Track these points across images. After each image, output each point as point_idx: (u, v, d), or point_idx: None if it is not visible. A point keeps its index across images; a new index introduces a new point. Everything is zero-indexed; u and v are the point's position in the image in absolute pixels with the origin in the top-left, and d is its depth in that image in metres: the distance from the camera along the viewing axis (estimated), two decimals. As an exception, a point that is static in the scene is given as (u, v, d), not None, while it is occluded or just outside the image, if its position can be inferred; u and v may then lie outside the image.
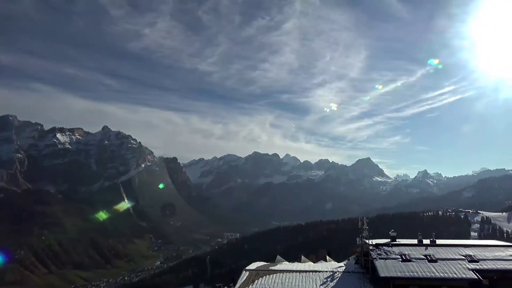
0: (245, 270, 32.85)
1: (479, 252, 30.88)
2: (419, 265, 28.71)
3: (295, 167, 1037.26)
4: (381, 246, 32.51)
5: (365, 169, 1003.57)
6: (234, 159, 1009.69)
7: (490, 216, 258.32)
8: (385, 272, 27.67)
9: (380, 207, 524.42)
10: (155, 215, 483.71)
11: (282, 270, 32.40)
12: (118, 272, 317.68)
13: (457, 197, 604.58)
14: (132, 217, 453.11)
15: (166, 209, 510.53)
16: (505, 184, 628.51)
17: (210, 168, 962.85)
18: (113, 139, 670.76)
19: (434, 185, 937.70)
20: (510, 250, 31.74)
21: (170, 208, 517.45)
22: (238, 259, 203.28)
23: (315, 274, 31.38)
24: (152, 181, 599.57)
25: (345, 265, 35.34)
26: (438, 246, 32.83)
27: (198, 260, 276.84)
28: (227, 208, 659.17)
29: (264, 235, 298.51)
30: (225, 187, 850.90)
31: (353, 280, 30.68)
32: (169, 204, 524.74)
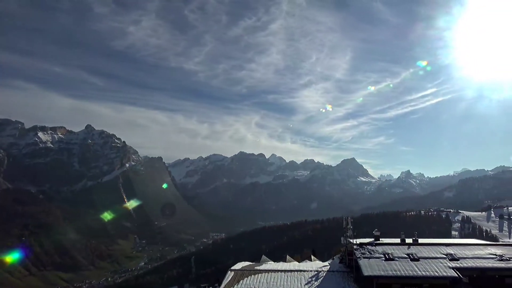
0: (230, 270, 32.79)
1: (459, 250, 31.60)
2: (402, 264, 29.19)
3: (281, 167, 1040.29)
4: (365, 245, 32.93)
5: (350, 169, 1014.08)
6: (220, 159, 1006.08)
7: (470, 215, 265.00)
8: (368, 271, 28.02)
9: (364, 206, 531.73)
10: (139, 215, 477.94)
11: (267, 270, 32.44)
12: (101, 273, 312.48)
13: (439, 197, 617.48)
14: (116, 217, 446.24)
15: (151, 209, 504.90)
16: (485, 184, 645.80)
17: (196, 168, 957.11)
18: (97, 138, 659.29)
19: (417, 185, 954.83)
20: (489, 248, 32.59)
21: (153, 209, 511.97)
22: (223, 259, 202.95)
23: (300, 273, 31.54)
24: (137, 181, 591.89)
25: (330, 264, 35.62)
26: (420, 245, 33.46)
27: (183, 260, 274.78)
28: (212, 208, 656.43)
29: (249, 235, 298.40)
30: (211, 187, 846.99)
31: (337, 279, 30.96)
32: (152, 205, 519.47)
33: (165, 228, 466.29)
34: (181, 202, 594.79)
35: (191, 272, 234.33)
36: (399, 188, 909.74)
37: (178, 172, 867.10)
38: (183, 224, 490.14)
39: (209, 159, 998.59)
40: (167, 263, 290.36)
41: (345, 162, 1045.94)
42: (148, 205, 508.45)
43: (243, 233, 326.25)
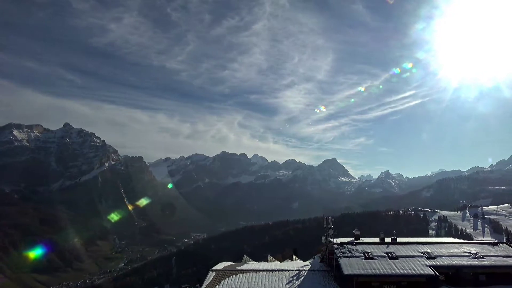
0: (211, 270, 32.66)
1: (436, 249, 32.45)
2: (381, 262, 29.76)
3: (263, 167, 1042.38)
4: (345, 244, 33.39)
5: (331, 169, 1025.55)
6: (201, 158, 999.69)
7: (446, 214, 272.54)
8: (348, 270, 28.43)
9: (345, 206, 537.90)
10: (119, 216, 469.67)
11: (249, 269, 32.48)
12: (79, 275, 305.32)
13: (416, 196, 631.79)
14: (95, 218, 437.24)
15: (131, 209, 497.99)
16: (460, 185, 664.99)
17: (177, 168, 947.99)
18: (75, 137, 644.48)
19: (395, 185, 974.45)
20: (464, 247, 33.60)
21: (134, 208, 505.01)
22: (204, 259, 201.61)
23: (281, 273, 31.71)
24: (116, 180, 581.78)
25: (311, 263, 35.97)
26: (398, 244, 34.18)
27: (164, 261, 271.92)
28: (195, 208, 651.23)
29: (231, 234, 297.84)
30: (192, 187, 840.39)
31: (318, 278, 31.28)
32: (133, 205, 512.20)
33: (145, 229, 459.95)
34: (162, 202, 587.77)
35: (172, 272, 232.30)
36: (378, 188, 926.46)
37: (159, 171, 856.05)
38: (164, 224, 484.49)
39: (191, 158, 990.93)
40: (148, 264, 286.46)
41: (326, 163, 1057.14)
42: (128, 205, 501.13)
43: (225, 233, 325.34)
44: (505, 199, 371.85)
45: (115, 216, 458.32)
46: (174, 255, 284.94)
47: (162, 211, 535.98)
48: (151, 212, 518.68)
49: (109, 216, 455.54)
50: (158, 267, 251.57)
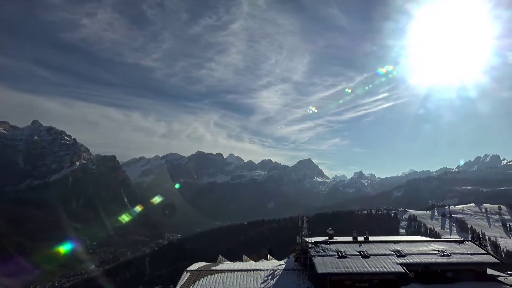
0: (186, 271, 32.34)
1: (406, 247, 33.41)
2: (354, 261, 30.35)
3: (239, 167, 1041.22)
4: (320, 243, 33.82)
5: (306, 169, 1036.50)
6: (177, 158, 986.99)
7: (416, 214, 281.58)
8: (322, 269, 28.82)
9: (319, 206, 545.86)
10: (91, 216, 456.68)
11: (224, 269, 32.38)
12: (47, 278, 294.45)
13: (388, 196, 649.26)
14: (65, 219, 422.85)
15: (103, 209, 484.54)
16: (429, 185, 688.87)
17: (152, 167, 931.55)
18: (45, 134, 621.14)
19: (368, 185, 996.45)
20: (432, 245, 34.77)
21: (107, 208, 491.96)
22: (179, 260, 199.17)
23: (256, 272, 31.78)
24: (88, 180, 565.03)
25: (285, 263, 36.22)
26: (370, 243, 34.96)
27: (137, 262, 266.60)
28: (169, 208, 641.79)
29: (206, 235, 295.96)
30: (167, 187, 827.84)
31: (292, 277, 31.56)
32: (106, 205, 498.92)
33: (118, 229, 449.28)
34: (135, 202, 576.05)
35: (145, 273, 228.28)
36: (352, 188, 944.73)
37: (133, 171, 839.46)
38: (137, 224, 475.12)
39: (166, 158, 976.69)
40: (120, 265, 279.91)
41: (301, 163, 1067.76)
42: (100, 205, 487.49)
43: (200, 233, 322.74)
44: (471, 199, 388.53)
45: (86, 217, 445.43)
46: (148, 256, 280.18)
47: (135, 212, 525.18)
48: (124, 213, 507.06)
49: (79, 217, 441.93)
50: (131, 269, 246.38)
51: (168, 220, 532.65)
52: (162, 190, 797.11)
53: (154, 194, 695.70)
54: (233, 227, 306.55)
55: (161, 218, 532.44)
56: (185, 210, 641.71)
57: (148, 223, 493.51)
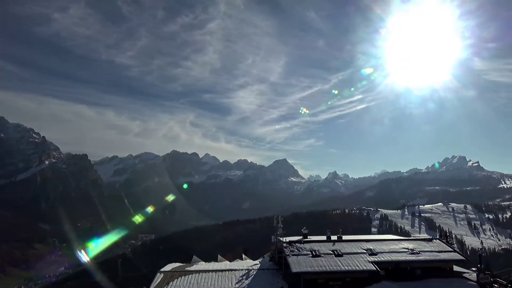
0: (159, 272, 31.88)
1: (377, 246, 34.29)
2: (327, 259, 30.86)
3: (215, 166, 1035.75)
4: (294, 243, 34.17)
5: (282, 169, 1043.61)
6: (151, 157, 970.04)
7: (387, 213, 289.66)
8: (296, 268, 29.13)
9: (294, 206, 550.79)
10: (60, 217, 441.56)
11: (198, 270, 32.15)
12: (13, 281, 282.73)
13: (361, 196, 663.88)
14: (33, 219, 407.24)
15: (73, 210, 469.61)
16: (400, 185, 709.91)
17: (125, 167, 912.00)
18: (11, 132, 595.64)
19: (342, 185, 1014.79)
20: (402, 243, 35.85)
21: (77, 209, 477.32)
22: (153, 261, 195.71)
23: (231, 272, 31.76)
24: (57, 179, 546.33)
25: (260, 262, 36.38)
26: (344, 242, 35.66)
27: (109, 263, 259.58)
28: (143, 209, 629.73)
29: (181, 235, 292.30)
30: (141, 187, 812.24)
31: (267, 276, 31.74)
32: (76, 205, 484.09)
33: (88, 230, 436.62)
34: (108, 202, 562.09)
35: (117, 275, 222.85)
36: (326, 188, 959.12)
37: (105, 170, 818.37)
38: (109, 225, 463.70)
39: (140, 157, 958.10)
40: (91, 267, 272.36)
41: (277, 163, 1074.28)
42: (70, 205, 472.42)
43: (174, 234, 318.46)
44: (439, 199, 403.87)
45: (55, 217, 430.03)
46: (120, 257, 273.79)
47: (108, 212, 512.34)
48: (95, 213, 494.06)
49: (47, 217, 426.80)
50: (103, 271, 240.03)
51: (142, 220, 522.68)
52: (136, 190, 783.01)
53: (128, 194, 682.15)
54: (208, 227, 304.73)
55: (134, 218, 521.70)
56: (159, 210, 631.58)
57: (121, 223, 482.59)
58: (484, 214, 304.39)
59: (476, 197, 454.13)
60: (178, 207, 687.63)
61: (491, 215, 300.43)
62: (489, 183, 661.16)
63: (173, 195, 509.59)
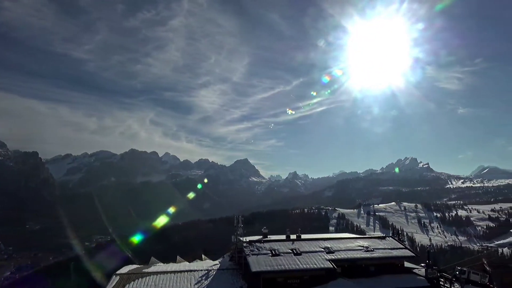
0: (115, 275, 30.85)
1: (335, 244, 35.34)
2: (286, 258, 31.35)
3: (175, 166, 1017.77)
4: (254, 242, 34.39)
5: (243, 169, 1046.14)
6: (108, 155, 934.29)
7: (344, 212, 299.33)
8: (256, 267, 29.33)
9: (255, 205, 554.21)
10: (8, 218, 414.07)
11: (156, 272, 31.47)
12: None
13: (320, 196, 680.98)
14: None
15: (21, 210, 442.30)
16: (357, 185, 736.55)
17: (79, 165, 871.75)
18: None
19: (302, 185, 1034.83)
20: (358, 241, 37.21)
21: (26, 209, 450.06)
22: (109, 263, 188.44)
23: (190, 273, 31.39)
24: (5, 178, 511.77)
25: (220, 262, 36.25)
26: (302, 241, 36.39)
27: (61, 267, 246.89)
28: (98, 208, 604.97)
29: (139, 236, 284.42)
30: (96, 186, 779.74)
31: (226, 276, 31.69)
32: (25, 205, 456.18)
33: (38, 232, 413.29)
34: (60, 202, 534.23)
35: (70, 279, 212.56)
36: (286, 188, 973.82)
37: (58, 169, 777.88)
38: (61, 227, 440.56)
39: (96, 155, 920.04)
40: (40, 271, 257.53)
41: (238, 163, 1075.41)
42: (18, 205, 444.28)
43: (131, 235, 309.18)
44: (393, 198, 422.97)
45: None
46: (73, 260, 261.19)
47: (60, 212, 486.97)
48: (46, 214, 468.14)
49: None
50: (54, 275, 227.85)
51: (97, 221, 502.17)
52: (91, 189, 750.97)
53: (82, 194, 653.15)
54: (167, 228, 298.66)
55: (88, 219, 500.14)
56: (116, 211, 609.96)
57: (74, 224, 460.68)
58: (433, 212, 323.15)
59: (426, 197, 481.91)
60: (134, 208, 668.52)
61: (439, 214, 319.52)
62: (438, 184, 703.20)
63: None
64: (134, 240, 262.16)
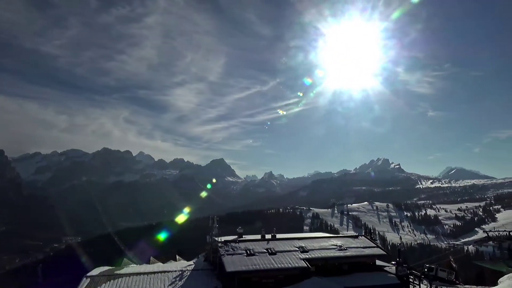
0: (85, 277, 29.97)
1: (309, 243, 35.78)
2: (261, 258, 31.48)
3: (149, 165, 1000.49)
4: (229, 242, 34.34)
5: (219, 169, 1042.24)
6: (79, 154, 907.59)
7: (319, 212, 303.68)
8: (231, 267, 29.29)
9: (231, 205, 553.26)
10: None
11: (129, 273, 30.84)
12: None
13: (295, 196, 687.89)
14: None
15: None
16: (331, 185, 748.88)
17: (49, 164, 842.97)
18: None
19: (277, 185, 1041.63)
20: (332, 240, 37.84)
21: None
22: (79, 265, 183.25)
23: (163, 274, 30.98)
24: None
25: (195, 263, 35.98)
26: (277, 240, 36.65)
27: (28, 269, 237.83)
28: (68, 209, 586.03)
29: (111, 237, 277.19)
30: (66, 186, 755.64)
31: (201, 277, 31.47)
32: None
33: (4, 234, 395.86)
34: (28, 203, 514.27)
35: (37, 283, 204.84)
36: (262, 188, 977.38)
37: (25, 168, 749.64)
38: (29, 228, 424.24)
39: (66, 154, 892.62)
40: (5, 274, 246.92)
41: (214, 162, 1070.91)
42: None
43: (103, 236, 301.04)
44: (365, 198, 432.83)
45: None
46: (41, 262, 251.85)
47: (27, 213, 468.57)
48: (13, 214, 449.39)
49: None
50: (20, 278, 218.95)
51: (67, 222, 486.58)
52: (61, 189, 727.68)
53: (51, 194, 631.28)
54: (141, 228, 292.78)
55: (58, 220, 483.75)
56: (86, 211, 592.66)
57: (42, 225, 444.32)
58: (403, 212, 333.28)
59: (397, 197, 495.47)
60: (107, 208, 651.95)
61: (409, 213, 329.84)
62: (408, 184, 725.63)
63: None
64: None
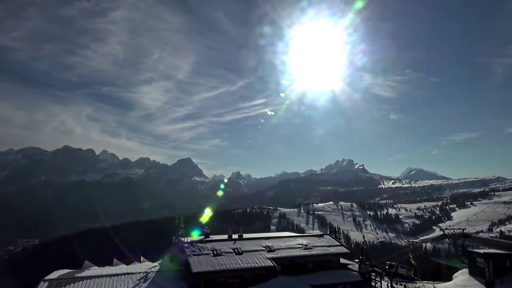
0: (43, 281, 28.63)
1: (275, 243, 36.14)
2: (228, 258, 31.44)
3: (113, 164, 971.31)
4: (196, 243, 34.04)
5: (186, 169, 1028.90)
6: (38, 152, 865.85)
7: (285, 211, 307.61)
8: (197, 268, 29.03)
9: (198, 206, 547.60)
10: None
11: (90, 276, 29.80)
12: None
13: (262, 195, 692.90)
14: None
15: None
16: (298, 185, 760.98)
17: (4, 162, 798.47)
18: None
19: (245, 185, 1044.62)
20: (298, 239, 38.43)
21: None
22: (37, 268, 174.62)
23: (127, 276, 30.21)
24: None
25: (160, 264, 35.37)
26: (244, 240, 36.76)
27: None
28: (25, 209, 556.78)
29: (71, 239, 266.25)
30: (23, 185, 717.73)
31: (166, 278, 30.97)
32: None
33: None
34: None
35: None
36: (230, 187, 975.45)
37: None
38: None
39: (23, 152, 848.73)
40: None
41: (181, 162, 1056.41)
42: None
43: (63, 237, 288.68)
44: (331, 197, 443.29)
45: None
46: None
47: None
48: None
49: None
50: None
51: (23, 223, 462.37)
52: (17, 188, 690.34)
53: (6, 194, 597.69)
54: (104, 229, 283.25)
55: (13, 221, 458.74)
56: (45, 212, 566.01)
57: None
58: (367, 211, 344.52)
59: (360, 196, 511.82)
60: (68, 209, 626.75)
61: (372, 212, 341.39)
62: (371, 184, 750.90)
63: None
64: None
